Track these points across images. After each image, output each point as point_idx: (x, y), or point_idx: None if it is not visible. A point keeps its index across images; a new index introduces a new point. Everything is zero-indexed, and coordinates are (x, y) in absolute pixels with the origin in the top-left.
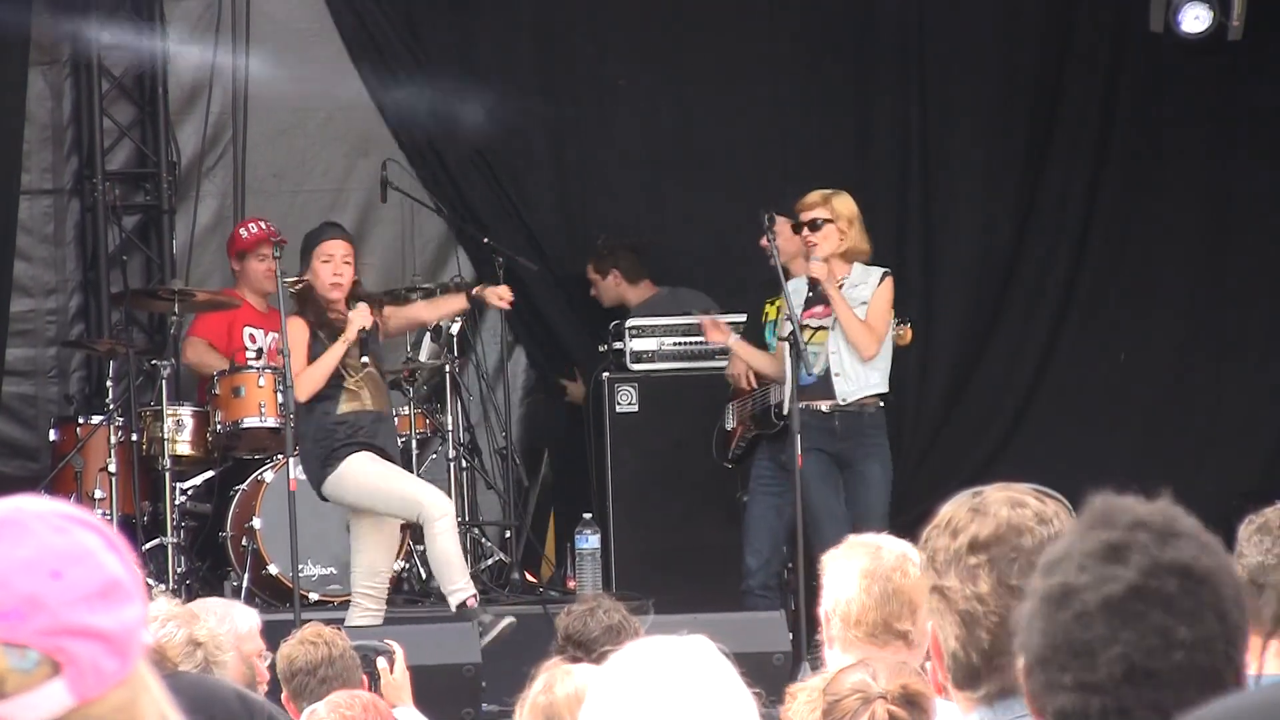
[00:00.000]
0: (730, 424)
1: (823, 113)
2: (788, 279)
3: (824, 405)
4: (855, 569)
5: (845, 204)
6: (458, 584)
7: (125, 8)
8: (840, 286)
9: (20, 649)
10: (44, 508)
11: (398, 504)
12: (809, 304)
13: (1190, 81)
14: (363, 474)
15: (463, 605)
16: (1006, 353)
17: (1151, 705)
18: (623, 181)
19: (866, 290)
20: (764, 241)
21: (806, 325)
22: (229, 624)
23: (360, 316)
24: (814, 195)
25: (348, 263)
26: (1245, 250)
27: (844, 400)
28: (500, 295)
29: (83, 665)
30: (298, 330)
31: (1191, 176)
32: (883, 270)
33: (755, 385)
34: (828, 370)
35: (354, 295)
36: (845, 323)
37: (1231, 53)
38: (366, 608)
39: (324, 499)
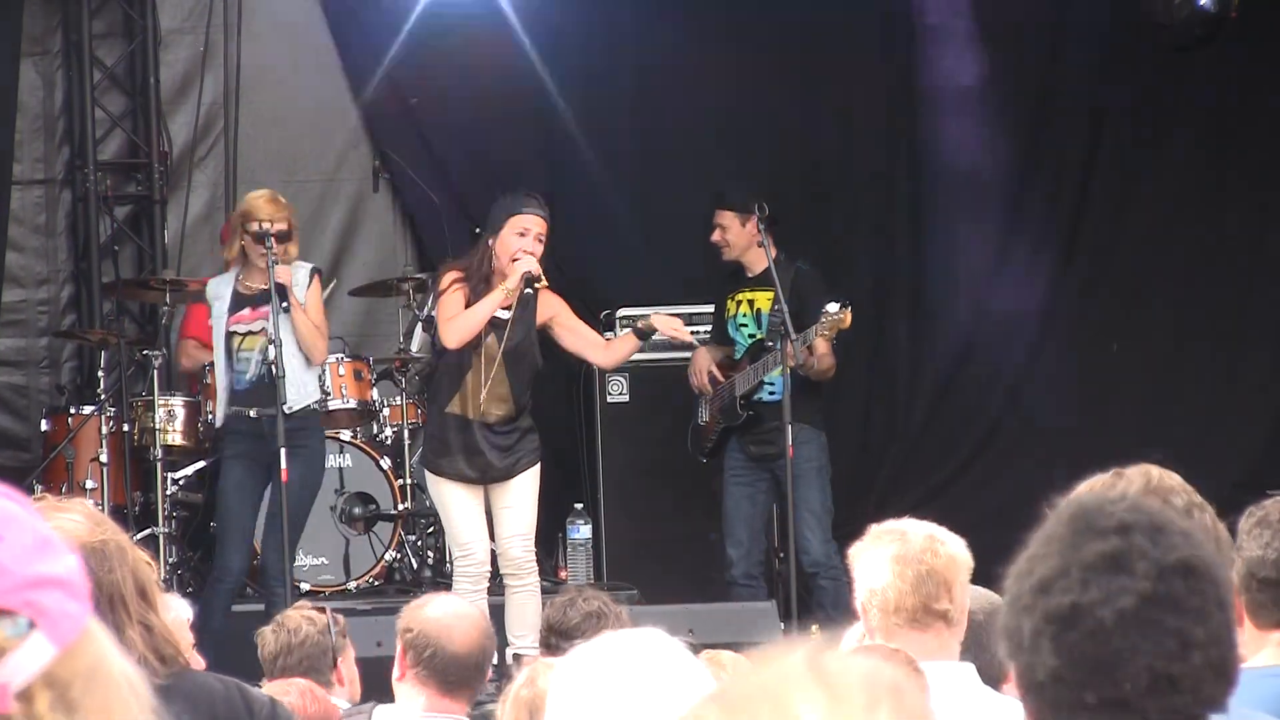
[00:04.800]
0: (703, 419)
1: (808, 108)
2: (744, 272)
3: (252, 412)
4: (886, 556)
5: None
6: (517, 635)
7: None
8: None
9: (9, 616)
10: None
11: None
12: (235, 308)
13: (1186, 71)
14: (435, 497)
15: (517, 657)
16: (998, 345)
17: (1173, 711)
18: (612, 175)
19: (301, 290)
20: (715, 237)
21: (235, 331)
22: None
23: (527, 263)
24: (267, 202)
25: (540, 241)
26: (1238, 242)
27: (291, 408)
28: (675, 327)
29: (53, 613)
30: (452, 290)
31: (1186, 167)
32: (311, 266)
33: (720, 382)
34: (261, 377)
35: (531, 283)
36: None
37: (1222, 45)
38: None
39: None
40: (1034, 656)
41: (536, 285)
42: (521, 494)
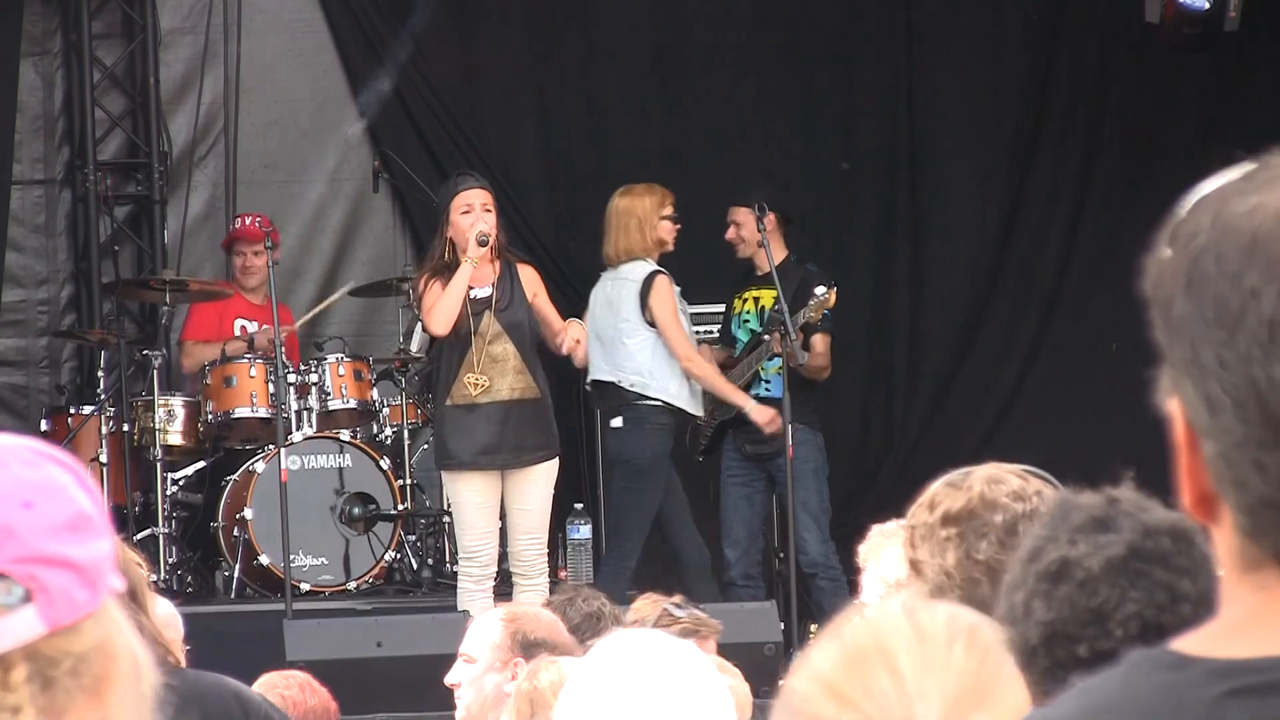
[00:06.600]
0: (702, 419)
1: (809, 106)
2: (754, 270)
3: None
4: (901, 552)
5: None
6: None
7: None
8: None
9: (6, 581)
10: (16, 443)
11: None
12: None
13: (1181, 72)
14: (451, 495)
15: None
16: (997, 345)
17: None
18: (610, 174)
19: None
20: (730, 234)
21: None
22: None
23: (478, 226)
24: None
25: (488, 210)
26: None
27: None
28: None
29: (53, 593)
30: (429, 289)
31: (1182, 167)
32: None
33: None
34: None
35: (484, 242)
36: None
37: (1222, 44)
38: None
39: None
40: (1026, 623)
41: (487, 240)
42: (537, 495)
